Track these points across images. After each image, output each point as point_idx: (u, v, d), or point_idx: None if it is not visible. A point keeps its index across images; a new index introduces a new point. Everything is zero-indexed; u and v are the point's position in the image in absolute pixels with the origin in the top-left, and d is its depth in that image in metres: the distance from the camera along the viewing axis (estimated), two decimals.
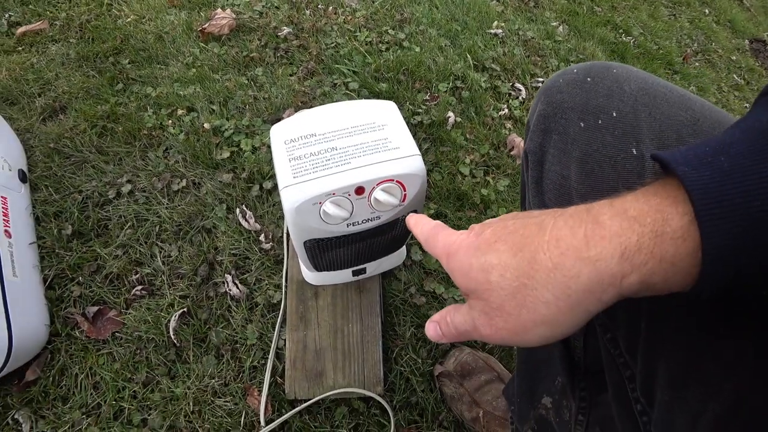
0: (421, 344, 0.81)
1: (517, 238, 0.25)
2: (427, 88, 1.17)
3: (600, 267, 0.21)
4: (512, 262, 0.24)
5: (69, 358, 0.78)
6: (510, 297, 0.24)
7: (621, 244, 0.21)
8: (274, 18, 1.26)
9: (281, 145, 0.51)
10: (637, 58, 1.51)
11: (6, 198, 0.84)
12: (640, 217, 0.21)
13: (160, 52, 1.16)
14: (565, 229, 0.23)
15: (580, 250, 0.22)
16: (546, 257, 0.23)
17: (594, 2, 1.67)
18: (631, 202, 0.22)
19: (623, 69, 0.39)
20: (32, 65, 1.13)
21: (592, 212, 0.23)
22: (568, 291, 0.22)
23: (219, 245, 0.87)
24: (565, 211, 0.25)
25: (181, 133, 1.00)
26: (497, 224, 0.28)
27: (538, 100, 0.42)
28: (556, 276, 0.22)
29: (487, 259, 0.25)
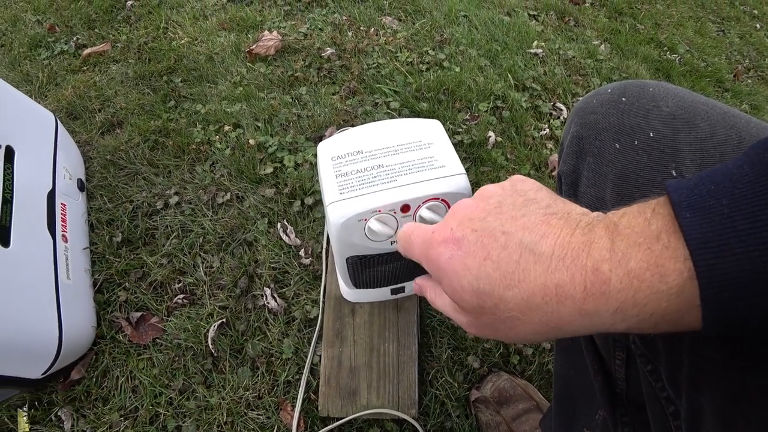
0: (457, 368, 0.79)
1: (511, 266, 0.23)
2: (467, 107, 1.17)
3: (594, 319, 0.22)
4: (506, 295, 0.23)
5: (112, 361, 0.80)
6: (500, 322, 0.25)
7: (618, 300, 0.21)
8: (317, 39, 1.31)
9: (328, 162, 0.51)
10: (683, 76, 1.46)
11: (66, 205, 0.89)
12: (639, 272, 0.20)
13: (210, 72, 1.22)
14: (565, 274, 0.22)
15: (577, 302, 0.22)
16: (543, 302, 0.22)
17: (637, 20, 1.64)
18: (633, 248, 0.20)
19: (659, 87, 0.38)
20: (95, 83, 1.21)
21: (592, 255, 0.21)
22: (558, 330, 0.23)
23: (259, 258, 0.88)
24: (557, 237, 0.23)
25: (227, 149, 1.04)
26: (482, 228, 0.26)
27: (571, 122, 0.41)
28: (551, 319, 0.23)
29: (480, 286, 0.24)
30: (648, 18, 1.66)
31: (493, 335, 0.26)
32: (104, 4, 1.44)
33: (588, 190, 0.38)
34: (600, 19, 1.59)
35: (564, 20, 1.56)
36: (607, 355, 0.40)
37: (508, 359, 0.80)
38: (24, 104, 0.92)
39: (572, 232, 0.23)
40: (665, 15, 1.70)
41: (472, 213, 0.27)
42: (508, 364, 0.80)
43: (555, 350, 0.54)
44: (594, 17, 1.59)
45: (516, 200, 0.26)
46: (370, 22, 1.40)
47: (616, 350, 0.38)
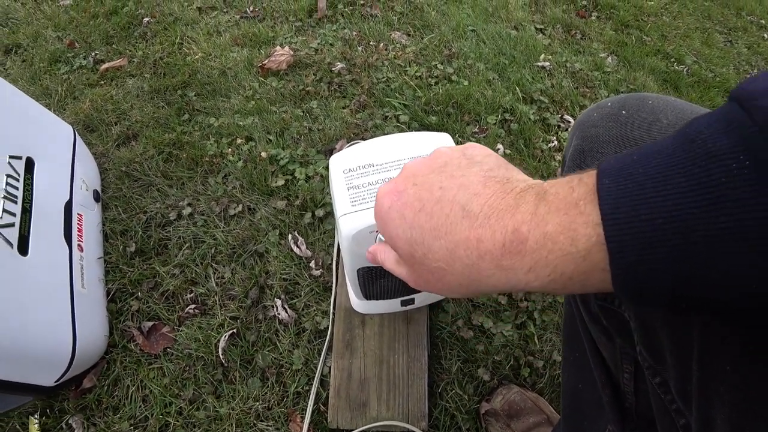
0: (467, 380, 0.78)
1: (441, 219, 0.26)
2: (476, 120, 1.18)
3: (510, 275, 0.23)
4: (434, 245, 0.26)
5: (123, 370, 0.81)
6: (429, 273, 0.27)
7: (532, 259, 0.22)
8: (328, 54, 1.33)
9: (340, 175, 0.52)
10: (691, 87, 1.46)
11: (82, 215, 0.91)
12: (554, 235, 0.21)
13: (223, 86, 1.24)
14: (488, 231, 0.23)
15: (495, 258, 0.23)
16: (465, 255, 0.24)
17: (643, 32, 1.64)
18: (554, 213, 0.22)
19: (659, 100, 0.38)
20: (111, 97, 1.24)
21: (515, 217, 0.23)
22: (478, 283, 0.25)
23: (270, 270, 0.89)
24: (489, 198, 0.25)
25: (239, 161, 1.06)
26: (423, 183, 0.28)
27: (573, 135, 0.42)
28: (472, 272, 0.24)
29: (412, 235, 0.27)
30: (654, 30, 1.66)
31: (426, 286, 0.29)
32: (122, 21, 1.49)
33: None
34: (606, 31, 1.60)
35: (571, 33, 1.58)
36: (615, 368, 0.40)
37: (518, 372, 0.80)
38: (44, 117, 0.94)
39: (504, 196, 0.24)
40: (672, 27, 1.70)
41: (417, 170, 0.29)
42: (519, 376, 0.79)
43: (563, 364, 0.54)
44: (600, 30, 1.61)
45: (461, 162, 0.28)
46: (379, 37, 1.42)
47: (624, 363, 0.38)
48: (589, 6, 1.72)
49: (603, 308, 0.37)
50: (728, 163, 0.17)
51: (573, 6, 1.70)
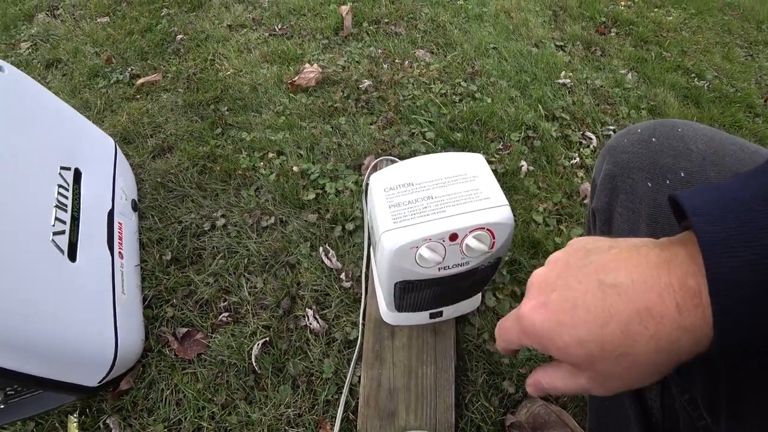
0: (493, 392, 0.80)
1: (598, 307, 0.24)
2: (499, 137, 1.21)
3: (698, 334, 0.22)
4: (605, 333, 0.24)
5: (158, 374, 0.84)
6: (615, 364, 0.25)
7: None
8: (355, 71, 1.38)
9: (381, 193, 0.56)
10: (712, 102, 1.45)
11: (122, 224, 0.95)
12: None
13: (255, 102, 1.29)
14: (652, 295, 0.23)
15: (675, 319, 0.22)
16: (641, 327, 0.23)
17: (663, 48, 1.65)
18: (691, 265, 0.22)
19: (688, 127, 0.39)
20: (147, 111, 1.30)
21: (673, 273, 0.22)
22: (669, 354, 0.23)
23: (301, 280, 0.92)
24: (637, 265, 0.24)
25: (271, 175, 1.10)
26: (560, 285, 0.27)
27: (603, 159, 0.43)
28: (658, 342, 0.23)
29: (579, 334, 0.25)
30: (674, 45, 1.67)
31: (619, 382, 0.26)
32: (156, 38, 1.56)
33: (622, 225, 0.39)
34: (626, 48, 1.62)
35: (590, 50, 1.59)
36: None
37: None
38: (89, 130, 1.00)
39: (644, 258, 0.24)
40: (691, 42, 1.70)
41: (546, 278, 0.29)
42: None
43: None
44: (620, 46, 1.62)
45: (578, 255, 0.28)
46: (404, 55, 1.47)
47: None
48: (608, 22, 1.73)
49: None
50: None
51: (592, 23, 1.72)
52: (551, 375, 0.29)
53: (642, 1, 1.89)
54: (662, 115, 1.36)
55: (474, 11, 1.68)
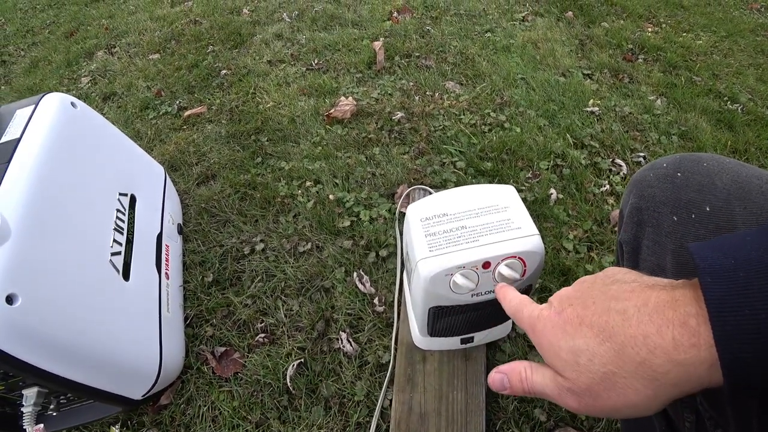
0: (524, 420, 0.80)
1: (601, 326, 0.26)
2: (529, 166, 1.23)
3: (690, 370, 0.23)
4: (599, 350, 0.26)
5: (196, 390, 0.88)
6: (599, 381, 0.26)
7: (711, 355, 0.22)
8: (388, 104, 1.44)
9: (417, 222, 0.59)
10: (747, 125, 1.41)
11: (169, 246, 1.02)
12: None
13: (293, 132, 1.37)
14: (651, 326, 0.24)
15: (669, 353, 0.23)
16: (634, 352, 0.24)
17: (692, 72, 1.63)
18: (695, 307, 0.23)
19: (714, 162, 0.40)
20: (193, 140, 1.39)
21: (678, 311, 0.23)
22: (656, 383, 0.24)
23: (336, 304, 0.96)
24: (647, 299, 0.26)
25: (308, 202, 1.16)
26: (577, 302, 0.29)
27: (630, 193, 0.44)
28: (646, 370, 0.24)
29: (576, 344, 0.27)
30: (704, 69, 1.64)
31: (597, 403, 0.27)
32: (202, 73, 1.68)
33: (649, 257, 0.40)
34: (654, 74, 1.61)
35: (618, 77, 1.60)
36: (676, 416, 0.41)
37: (575, 414, 0.80)
38: (143, 158, 1.08)
39: (655, 293, 0.26)
40: (723, 65, 1.67)
41: (569, 294, 0.31)
42: (576, 419, 0.80)
43: None
44: (648, 72, 1.61)
45: (606, 281, 0.30)
46: (434, 87, 1.52)
47: (685, 412, 0.39)
48: (635, 49, 1.74)
49: None
50: None
51: (619, 50, 1.73)
52: (534, 370, 0.31)
53: (669, 27, 1.89)
54: (694, 140, 1.34)
55: (501, 43, 1.73)
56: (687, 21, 1.94)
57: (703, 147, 1.32)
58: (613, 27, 1.86)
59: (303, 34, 1.86)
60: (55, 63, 1.90)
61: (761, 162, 1.31)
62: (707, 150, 1.32)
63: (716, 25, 1.91)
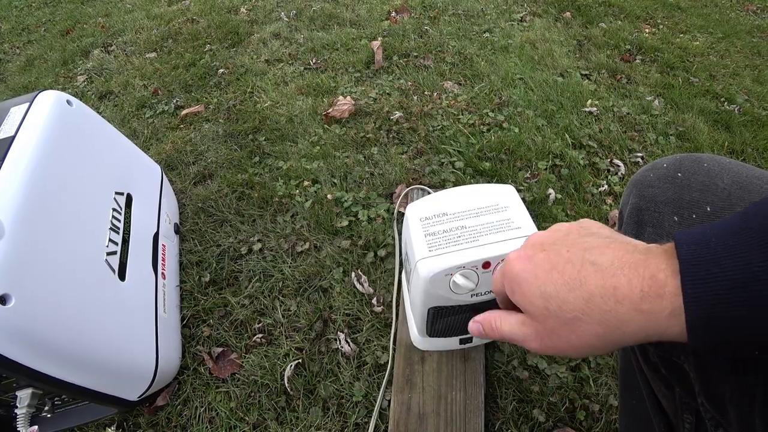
0: (522, 420, 0.79)
1: (573, 274, 0.28)
2: (527, 166, 1.23)
3: (651, 318, 0.24)
4: (569, 297, 0.27)
5: (192, 391, 0.87)
6: (564, 325, 0.28)
7: (672, 303, 0.24)
8: (386, 103, 1.44)
9: (417, 222, 0.58)
10: (744, 126, 1.42)
11: (165, 246, 1.01)
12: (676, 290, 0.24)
13: (291, 132, 1.36)
14: (623, 279, 0.25)
15: (635, 303, 0.25)
16: (602, 302, 0.26)
17: (690, 73, 1.63)
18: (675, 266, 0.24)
19: (714, 162, 0.40)
20: (190, 140, 1.38)
21: (649, 267, 0.25)
22: (618, 331, 0.26)
23: (334, 305, 0.95)
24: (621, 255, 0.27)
25: (306, 202, 1.15)
26: (551, 248, 0.30)
27: (630, 193, 0.44)
28: (610, 318, 0.26)
29: (547, 290, 0.28)
30: (702, 70, 1.65)
31: (557, 344, 0.29)
32: (199, 72, 1.67)
33: None
34: (652, 74, 1.61)
35: (616, 78, 1.60)
36: (675, 417, 0.41)
37: (574, 414, 0.80)
38: (140, 158, 1.07)
39: (630, 253, 0.27)
40: (720, 66, 1.68)
41: (542, 239, 0.32)
42: (574, 419, 0.80)
43: (620, 411, 0.55)
44: (646, 73, 1.62)
45: (581, 232, 0.31)
46: (433, 86, 1.52)
47: (685, 413, 0.39)
48: (633, 50, 1.75)
49: (661, 358, 0.38)
50: None
51: (617, 51, 1.74)
52: (503, 318, 0.33)
53: (667, 28, 1.90)
54: (691, 140, 1.35)
55: (500, 43, 1.73)
56: (684, 22, 1.95)
57: (701, 147, 1.32)
58: (611, 27, 1.86)
59: (301, 33, 1.85)
60: (51, 61, 1.89)
61: (758, 162, 1.32)
62: (705, 150, 1.32)
63: (713, 26, 1.92)
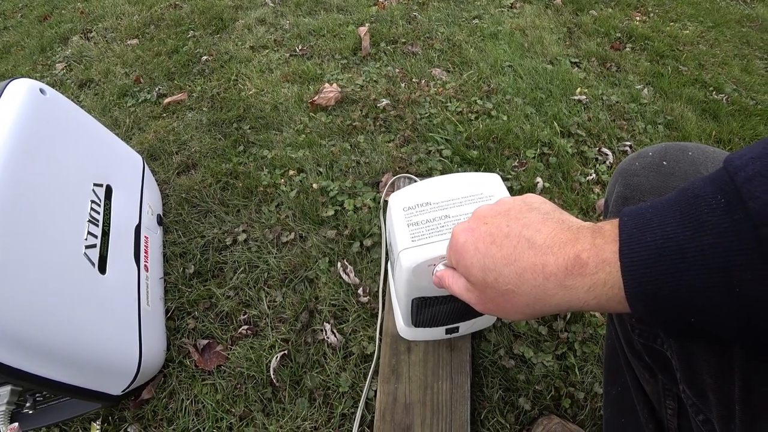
0: (508, 409, 0.80)
1: (510, 249, 0.31)
2: (515, 154, 1.22)
3: (572, 293, 0.28)
4: (504, 270, 0.30)
5: (178, 384, 0.86)
6: (500, 295, 0.32)
7: (592, 279, 0.27)
8: (373, 91, 1.42)
9: (400, 212, 0.57)
10: (732, 116, 1.42)
11: (148, 238, 0.99)
12: (612, 261, 0.26)
13: (276, 120, 1.34)
14: (551, 257, 0.28)
15: (559, 279, 0.28)
16: (532, 277, 0.29)
17: (679, 62, 1.63)
18: (609, 243, 0.27)
19: (699, 151, 0.41)
20: (173, 129, 1.35)
21: (576, 246, 0.28)
22: (543, 302, 0.29)
23: (320, 295, 0.94)
24: (550, 233, 0.30)
25: (292, 191, 1.13)
26: (492, 221, 0.33)
27: (615, 182, 0.44)
28: (538, 292, 0.29)
29: (485, 262, 0.32)
30: (691, 59, 1.65)
31: (494, 309, 0.33)
32: (182, 59, 1.63)
33: None
34: (642, 63, 1.61)
35: (606, 66, 1.60)
36: (658, 404, 0.42)
37: (559, 402, 0.81)
38: (120, 148, 1.05)
39: (563, 231, 0.29)
40: (709, 55, 1.68)
41: (487, 213, 0.35)
42: (560, 407, 0.80)
43: (604, 398, 0.56)
44: (635, 62, 1.61)
45: (523, 208, 0.33)
46: (420, 74, 1.50)
47: (668, 400, 0.40)
48: (623, 38, 1.74)
49: (645, 346, 0.39)
50: (709, 201, 0.23)
51: (607, 39, 1.73)
52: (455, 279, 0.37)
53: (657, 16, 1.90)
54: (679, 129, 1.35)
55: (489, 30, 1.71)
56: (675, 10, 1.94)
57: (688, 137, 1.33)
58: (602, 15, 1.85)
59: (287, 19, 1.81)
60: (29, 48, 1.83)
61: None
62: (692, 140, 1.33)
63: (703, 15, 1.92)
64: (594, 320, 0.91)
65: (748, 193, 0.22)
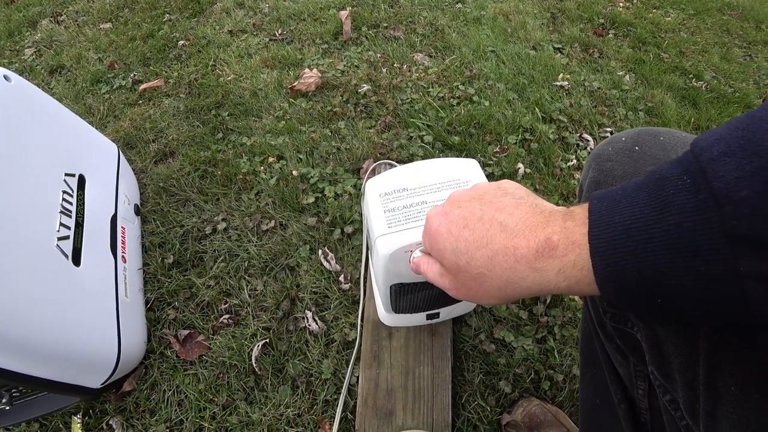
0: (489, 392, 0.81)
1: (482, 233, 0.31)
2: (497, 140, 1.22)
3: (543, 276, 0.28)
4: (476, 254, 0.31)
5: (160, 375, 0.86)
6: (472, 279, 0.32)
7: (562, 262, 0.27)
8: (354, 76, 1.40)
9: (376, 198, 0.57)
10: (710, 103, 1.44)
11: (125, 228, 0.97)
12: (581, 243, 0.26)
13: (255, 106, 1.31)
14: (523, 240, 0.28)
15: (530, 261, 0.28)
16: (504, 260, 0.29)
17: (660, 49, 1.65)
18: (579, 226, 0.27)
19: (670, 136, 0.41)
20: (149, 116, 1.31)
21: (546, 230, 0.28)
22: (515, 285, 0.29)
23: (301, 283, 0.94)
24: (522, 217, 0.30)
25: (271, 179, 1.12)
26: (466, 206, 0.33)
27: (589, 167, 0.45)
28: (509, 275, 0.29)
29: (458, 246, 0.32)
30: (672, 46, 1.66)
31: (467, 293, 0.34)
32: (158, 44, 1.58)
33: None
34: (624, 49, 1.62)
35: (588, 52, 1.60)
36: (630, 385, 0.43)
37: (539, 385, 0.82)
38: (93, 136, 1.02)
39: (535, 215, 0.30)
40: (690, 42, 1.70)
41: (461, 197, 0.35)
42: (539, 389, 0.82)
43: (581, 379, 0.57)
44: (618, 48, 1.62)
45: (497, 192, 0.34)
46: (402, 59, 1.48)
47: (638, 381, 0.41)
48: (606, 24, 1.74)
49: (616, 329, 0.40)
50: (675, 182, 0.23)
51: (590, 25, 1.73)
52: (430, 264, 0.37)
53: (640, 3, 1.90)
54: (659, 116, 1.37)
55: (472, 14, 1.69)
56: None
57: (668, 123, 1.34)
58: (585, 0, 1.84)
59: (266, 2, 1.77)
60: None
61: None
62: (671, 126, 1.34)
63: (685, 2, 1.93)
64: (573, 304, 0.92)
65: (712, 173, 0.22)
